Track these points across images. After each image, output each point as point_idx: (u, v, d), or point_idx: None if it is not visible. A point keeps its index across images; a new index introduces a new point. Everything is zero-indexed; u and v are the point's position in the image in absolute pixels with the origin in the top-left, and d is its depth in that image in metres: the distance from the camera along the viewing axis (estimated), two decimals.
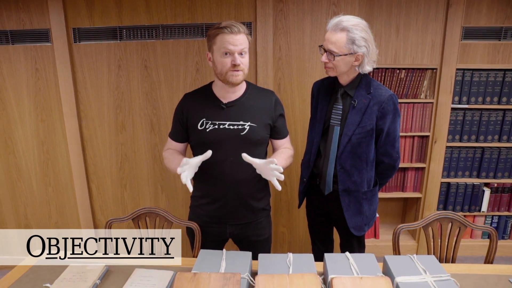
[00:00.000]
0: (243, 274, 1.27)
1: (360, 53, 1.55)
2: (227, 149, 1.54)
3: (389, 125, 1.65)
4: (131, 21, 2.34)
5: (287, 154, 1.64)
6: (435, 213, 1.66)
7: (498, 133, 2.61)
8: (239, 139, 1.53)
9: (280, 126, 1.66)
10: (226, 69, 1.46)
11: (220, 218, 1.65)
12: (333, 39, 1.55)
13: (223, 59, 1.45)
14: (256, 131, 1.55)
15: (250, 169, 1.52)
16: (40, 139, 2.54)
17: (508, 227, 2.81)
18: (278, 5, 2.30)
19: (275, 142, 1.69)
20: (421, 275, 1.26)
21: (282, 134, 1.68)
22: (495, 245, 1.59)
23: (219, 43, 1.43)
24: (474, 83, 2.51)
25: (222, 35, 1.42)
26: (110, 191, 2.64)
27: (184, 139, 1.65)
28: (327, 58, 1.59)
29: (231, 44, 1.42)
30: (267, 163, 1.36)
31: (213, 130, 1.54)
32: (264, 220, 1.72)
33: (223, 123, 1.54)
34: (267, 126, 1.59)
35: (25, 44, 2.37)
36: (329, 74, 1.66)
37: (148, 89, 2.45)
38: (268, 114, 1.59)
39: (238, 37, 1.42)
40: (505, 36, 2.42)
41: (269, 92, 1.66)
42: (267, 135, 1.61)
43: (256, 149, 1.58)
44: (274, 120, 1.62)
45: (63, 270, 1.41)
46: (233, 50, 1.43)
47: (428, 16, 2.40)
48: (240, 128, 1.54)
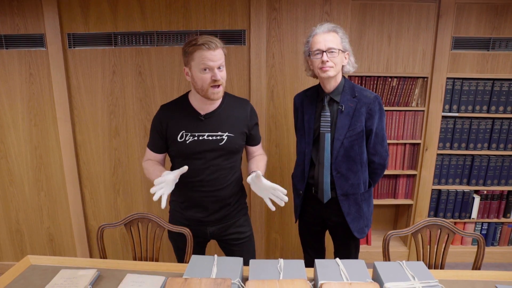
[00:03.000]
0: (234, 280, 1.28)
1: (347, 51, 1.69)
2: (206, 158, 1.60)
3: (376, 125, 1.71)
4: (126, 27, 2.35)
5: (264, 161, 1.73)
6: (424, 220, 1.68)
7: (487, 141, 2.66)
8: (218, 149, 1.60)
9: (255, 134, 1.74)
10: (206, 86, 1.50)
11: (200, 221, 1.70)
12: (330, 38, 1.63)
13: (202, 75, 1.48)
14: (234, 141, 1.62)
15: (228, 175, 1.64)
16: (33, 144, 2.54)
17: (497, 234, 2.84)
18: (271, 13, 2.33)
19: (249, 148, 1.77)
20: (410, 281, 1.28)
21: (256, 141, 1.76)
22: (482, 251, 1.61)
23: (198, 59, 1.47)
24: (464, 92, 2.56)
25: (200, 51, 1.45)
26: (103, 196, 2.64)
27: (163, 149, 1.69)
28: (328, 58, 1.63)
29: (210, 60, 1.46)
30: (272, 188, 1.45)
31: (193, 141, 1.58)
32: (243, 218, 1.78)
33: (202, 135, 1.59)
34: (243, 135, 1.66)
35: (19, 49, 2.37)
36: (329, 74, 1.65)
37: (142, 95, 2.46)
38: (244, 123, 1.65)
39: (216, 53, 1.46)
40: (493, 46, 2.48)
41: (244, 101, 1.72)
42: (243, 143, 1.69)
43: (233, 157, 1.66)
44: (250, 129, 1.69)
45: (54, 275, 1.41)
46: (213, 66, 1.47)
47: (419, 26, 2.45)
48: (219, 138, 1.59)
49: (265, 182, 1.46)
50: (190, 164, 1.58)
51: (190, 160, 1.59)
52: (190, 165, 1.58)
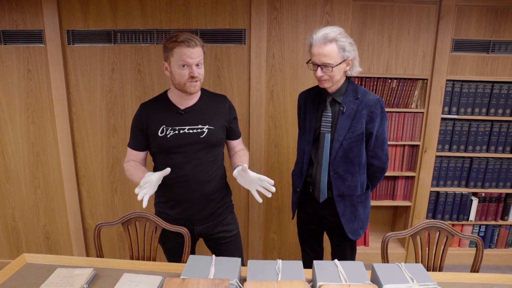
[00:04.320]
0: (232, 280, 1.27)
1: (350, 57, 1.63)
2: (188, 152, 1.61)
3: (377, 128, 1.70)
4: (126, 24, 2.34)
5: (247, 156, 1.75)
6: (423, 222, 1.68)
7: (486, 144, 2.66)
8: (199, 142, 1.61)
9: (235, 128, 1.76)
10: (184, 80, 1.53)
11: (187, 220, 1.70)
12: (326, 52, 1.58)
13: (181, 71, 1.51)
14: (215, 133, 1.64)
15: (211, 169, 1.65)
16: (31, 141, 2.52)
17: (495, 236, 2.85)
18: (272, 12, 2.33)
19: (230, 143, 1.79)
20: (409, 283, 1.28)
21: (236, 135, 1.79)
22: (481, 254, 1.61)
23: (177, 55, 1.50)
24: (464, 94, 2.56)
25: (179, 48, 1.48)
26: (101, 194, 2.62)
27: (144, 147, 1.69)
28: (322, 72, 1.62)
29: (188, 57, 1.49)
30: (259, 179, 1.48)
31: (173, 135, 1.59)
32: (229, 216, 1.79)
33: (182, 128, 1.60)
34: (223, 128, 1.68)
35: (17, 45, 2.36)
36: (325, 86, 1.67)
37: (141, 93, 2.44)
38: (223, 117, 1.68)
39: (194, 50, 1.49)
40: (493, 49, 2.48)
41: (222, 96, 1.75)
42: (224, 136, 1.71)
43: (215, 150, 1.68)
44: (230, 122, 1.71)
45: (50, 274, 1.40)
46: (191, 62, 1.50)
47: (419, 28, 2.45)
48: (199, 131, 1.61)
49: (252, 174, 1.49)
50: (172, 159, 1.60)
51: (171, 155, 1.61)
52: (172, 160, 1.60)
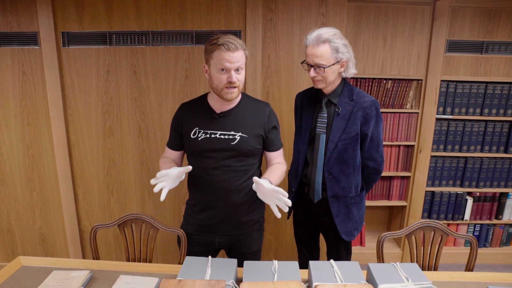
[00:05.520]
0: (228, 281, 1.28)
1: (344, 59, 1.63)
2: (217, 158, 1.56)
3: (372, 129, 1.71)
4: (121, 26, 2.34)
5: (281, 170, 1.61)
6: (418, 222, 1.69)
7: (480, 144, 2.68)
8: (229, 149, 1.55)
9: (273, 138, 1.64)
10: (222, 86, 1.48)
11: (210, 227, 1.65)
12: (318, 53, 1.59)
13: (219, 75, 1.46)
14: (247, 142, 1.55)
15: (241, 178, 1.57)
16: (26, 143, 2.51)
17: (489, 235, 2.87)
18: (267, 14, 2.33)
19: (268, 154, 1.67)
20: (404, 283, 1.28)
21: (275, 147, 1.66)
22: (475, 253, 1.62)
23: (216, 59, 1.45)
24: (458, 95, 2.58)
25: (219, 51, 1.43)
26: (97, 196, 2.61)
27: (179, 147, 1.68)
28: (315, 73, 1.63)
29: (227, 61, 1.43)
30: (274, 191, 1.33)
31: (204, 139, 1.56)
32: (255, 233, 1.70)
33: (214, 133, 1.56)
34: (259, 137, 1.59)
35: (12, 47, 2.35)
36: (318, 86, 1.69)
37: (137, 94, 2.44)
38: (260, 125, 1.59)
39: (235, 55, 1.43)
40: (487, 50, 2.50)
41: (264, 103, 1.66)
42: (258, 146, 1.60)
43: (247, 159, 1.59)
44: (267, 132, 1.61)
45: (46, 277, 1.39)
46: (230, 67, 1.44)
47: (414, 28, 2.46)
48: (231, 138, 1.55)
49: (267, 186, 1.35)
50: (202, 162, 1.57)
51: (201, 158, 1.57)
52: (202, 163, 1.57)
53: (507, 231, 2.87)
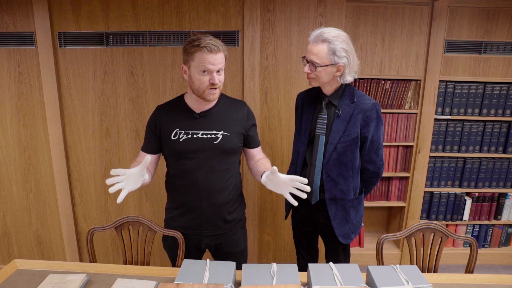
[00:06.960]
0: (226, 285, 1.26)
1: (341, 63, 1.59)
2: (200, 158, 1.55)
3: (372, 132, 1.69)
4: (118, 27, 2.32)
5: (270, 163, 1.66)
6: (418, 224, 1.68)
7: (479, 144, 2.68)
8: (212, 148, 1.55)
9: (254, 135, 1.68)
10: (204, 87, 1.48)
11: (195, 229, 1.64)
12: (315, 50, 1.58)
13: (201, 77, 1.46)
14: (229, 140, 1.57)
15: (224, 177, 1.58)
16: (22, 144, 2.49)
17: (488, 236, 2.87)
18: (265, 14, 2.32)
19: (250, 151, 1.71)
20: (404, 286, 1.27)
21: (256, 143, 1.71)
22: (475, 254, 1.61)
23: (198, 60, 1.44)
24: (456, 95, 2.58)
25: (201, 53, 1.42)
26: (94, 198, 2.59)
27: (154, 150, 1.64)
28: (309, 69, 1.62)
29: (210, 63, 1.43)
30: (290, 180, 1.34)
31: (186, 139, 1.55)
32: (239, 231, 1.72)
33: (196, 133, 1.55)
34: (240, 135, 1.61)
35: (8, 47, 2.32)
36: (312, 84, 1.69)
37: (134, 95, 2.42)
38: (240, 123, 1.61)
39: (217, 57, 1.43)
40: (485, 50, 2.50)
41: (241, 102, 1.69)
42: (240, 144, 1.63)
43: (230, 158, 1.60)
44: (247, 130, 1.64)
45: (42, 280, 1.38)
46: (212, 69, 1.44)
47: (412, 29, 2.46)
48: (214, 137, 1.55)
49: (282, 176, 1.36)
50: (183, 164, 1.56)
51: (183, 160, 1.56)
52: (183, 165, 1.56)
53: (506, 231, 2.87)
